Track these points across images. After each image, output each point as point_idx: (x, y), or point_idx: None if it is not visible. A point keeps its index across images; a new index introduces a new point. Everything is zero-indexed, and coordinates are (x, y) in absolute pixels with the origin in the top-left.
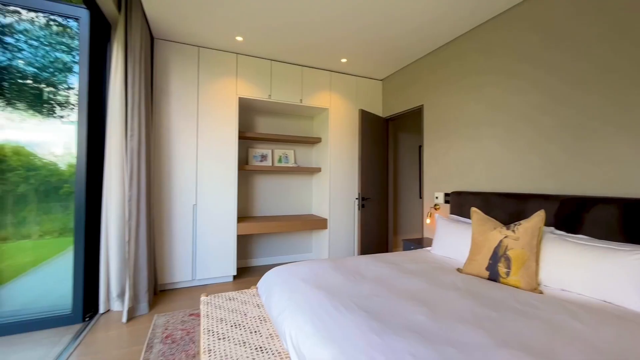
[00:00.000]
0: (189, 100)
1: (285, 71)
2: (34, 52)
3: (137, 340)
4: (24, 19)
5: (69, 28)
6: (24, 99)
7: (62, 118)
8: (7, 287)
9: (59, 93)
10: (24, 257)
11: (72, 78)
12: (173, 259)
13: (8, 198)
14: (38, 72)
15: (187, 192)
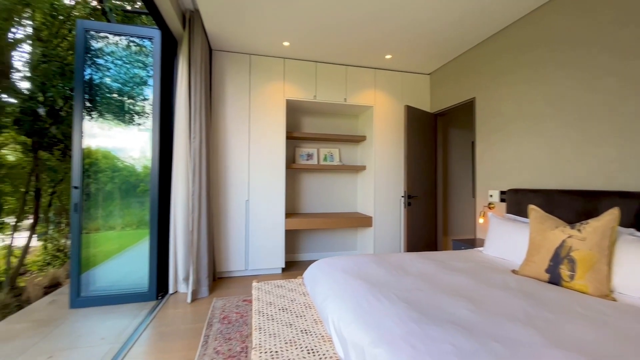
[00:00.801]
0: (241, 104)
1: (330, 72)
2: (118, 70)
3: (199, 318)
4: (110, 43)
5: (144, 47)
6: (110, 111)
7: (139, 125)
8: (99, 268)
9: (136, 104)
10: (111, 244)
11: (147, 90)
12: (229, 249)
13: (99, 195)
14: (121, 87)
15: (241, 189)
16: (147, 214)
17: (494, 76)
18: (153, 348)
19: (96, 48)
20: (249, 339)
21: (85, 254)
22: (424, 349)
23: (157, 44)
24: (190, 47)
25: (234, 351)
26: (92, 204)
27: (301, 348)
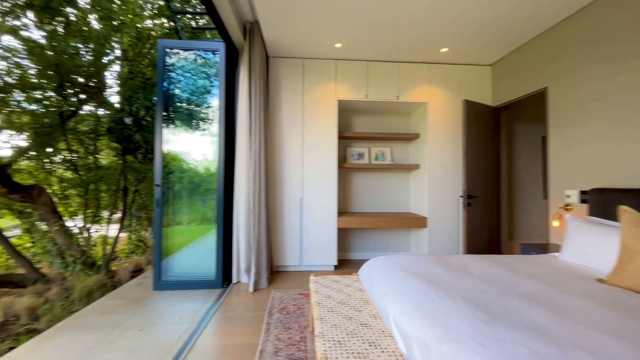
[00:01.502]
0: (295, 107)
1: (381, 70)
2: (187, 82)
3: (260, 307)
4: (181, 58)
5: (208, 59)
6: (180, 119)
7: (203, 131)
8: (173, 257)
9: (201, 111)
10: (180, 237)
11: (210, 98)
12: (284, 245)
13: (169, 194)
14: (189, 97)
15: (295, 188)
16: (209, 211)
17: (572, 60)
18: (222, 330)
19: (170, 63)
20: (307, 330)
21: (162, 244)
22: (496, 349)
23: (222, 55)
24: (251, 56)
25: (293, 339)
26: (163, 202)
27: (362, 340)
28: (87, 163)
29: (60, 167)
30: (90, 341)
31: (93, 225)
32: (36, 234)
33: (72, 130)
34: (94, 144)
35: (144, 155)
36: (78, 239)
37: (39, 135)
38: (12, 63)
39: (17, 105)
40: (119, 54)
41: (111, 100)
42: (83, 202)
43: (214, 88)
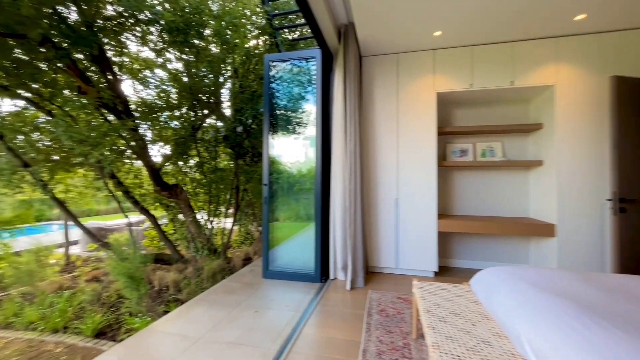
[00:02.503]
0: (389, 104)
1: (490, 54)
2: (284, 90)
3: (358, 305)
4: (279, 69)
5: (302, 67)
6: (279, 125)
7: (298, 134)
8: (276, 250)
9: (296, 117)
10: (280, 233)
11: (304, 104)
12: (379, 246)
13: (269, 193)
14: (286, 104)
15: (390, 187)
16: (301, 209)
17: None
18: (323, 323)
19: (271, 75)
20: (410, 337)
21: (269, 237)
22: None
23: (318, 61)
24: (345, 58)
25: (396, 345)
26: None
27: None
28: (211, 166)
29: (192, 170)
30: (218, 315)
31: (214, 219)
32: (177, 223)
33: (200, 139)
34: (215, 150)
35: (251, 158)
36: (204, 229)
37: (178, 145)
38: (161, 90)
39: (164, 123)
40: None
41: (226, 112)
42: (207, 198)
43: (307, 94)
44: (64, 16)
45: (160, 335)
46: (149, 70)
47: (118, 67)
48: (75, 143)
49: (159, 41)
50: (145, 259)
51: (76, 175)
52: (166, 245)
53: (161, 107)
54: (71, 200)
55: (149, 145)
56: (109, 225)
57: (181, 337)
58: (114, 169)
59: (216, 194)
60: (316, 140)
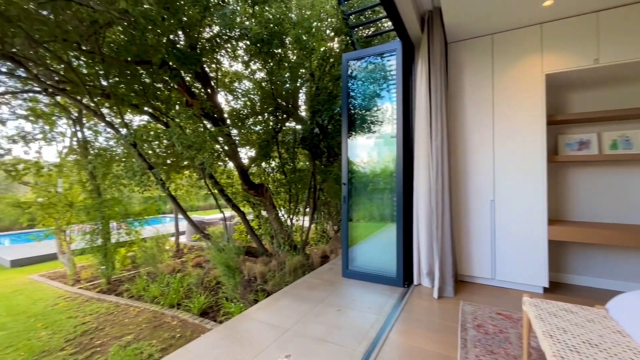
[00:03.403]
0: (482, 94)
1: (624, 18)
2: (360, 88)
3: (448, 316)
4: (354, 68)
5: (377, 64)
6: (356, 124)
7: (373, 133)
8: (354, 249)
9: (371, 115)
10: (356, 232)
11: (380, 102)
12: (471, 252)
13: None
14: (362, 103)
15: (484, 187)
16: (375, 210)
17: None
18: (410, 331)
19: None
20: None
21: (348, 236)
22: None
23: (399, 53)
24: (430, 47)
25: None
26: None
27: None
28: (291, 167)
29: (274, 171)
30: (303, 309)
31: (294, 217)
32: (262, 219)
33: (280, 142)
34: (294, 152)
35: (327, 159)
36: (285, 226)
37: (261, 148)
38: (248, 99)
39: (250, 128)
40: (308, 76)
41: (303, 115)
42: (287, 197)
43: (382, 91)
44: (175, 42)
45: (253, 322)
46: (238, 82)
47: (215, 81)
48: (184, 148)
49: (247, 53)
50: (238, 251)
51: (184, 176)
52: (253, 239)
53: (247, 114)
54: (180, 197)
55: (238, 149)
56: (207, 220)
57: (271, 326)
58: (212, 170)
59: (295, 193)
60: (397, 138)
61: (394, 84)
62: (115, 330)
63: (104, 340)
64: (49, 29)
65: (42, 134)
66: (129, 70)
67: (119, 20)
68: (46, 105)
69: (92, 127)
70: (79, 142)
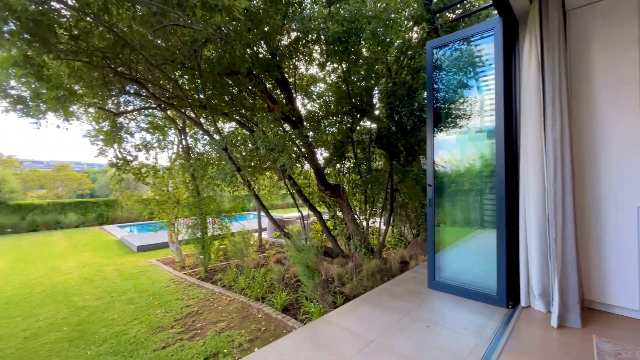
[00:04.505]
0: (622, 67)
1: None
2: (447, 78)
3: (576, 354)
4: (440, 55)
5: (464, 50)
6: (442, 119)
7: (460, 128)
8: (441, 257)
9: (456, 108)
10: (441, 238)
11: (467, 92)
12: (605, 273)
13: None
14: (447, 95)
15: (626, 189)
16: (458, 213)
17: None
18: None
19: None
20: None
21: (435, 243)
22: None
23: (498, 32)
24: (541, 18)
25: None
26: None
27: None
28: (366, 168)
29: (349, 171)
30: (386, 319)
31: (370, 218)
32: (337, 220)
33: (356, 142)
34: (369, 152)
35: (405, 158)
36: (361, 228)
37: (336, 149)
38: (323, 100)
39: (325, 129)
40: (384, 72)
41: (378, 113)
42: (362, 198)
43: (472, 80)
44: (258, 52)
45: (334, 328)
46: (314, 85)
47: (293, 86)
48: (267, 151)
49: (323, 55)
50: (317, 252)
51: (265, 177)
52: (328, 239)
53: (322, 115)
54: (262, 196)
55: (314, 150)
56: (286, 218)
57: (354, 334)
58: (291, 171)
59: (371, 194)
60: (496, 131)
61: (489, 70)
62: (212, 315)
63: (203, 324)
64: (162, 53)
65: (158, 142)
66: (221, 82)
67: (213, 37)
68: (160, 119)
69: (193, 135)
70: (183, 148)
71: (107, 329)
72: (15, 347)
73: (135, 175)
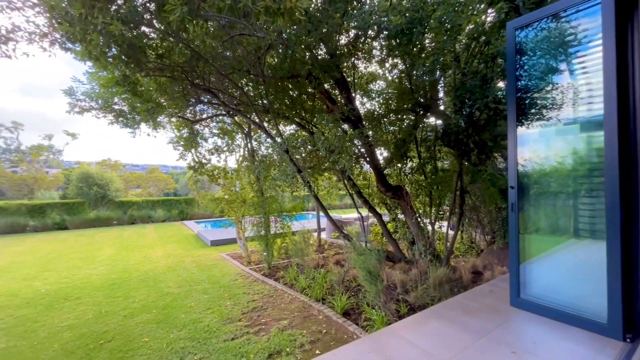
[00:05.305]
0: None
1: None
2: (528, 64)
3: None
4: (523, 36)
5: (560, 27)
6: (527, 110)
7: (542, 121)
8: (528, 269)
9: (541, 97)
10: (526, 248)
11: (557, 78)
12: None
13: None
14: (532, 83)
15: None
16: (542, 219)
17: None
18: None
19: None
20: None
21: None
22: None
23: (609, 3)
24: None
25: None
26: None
27: None
28: (431, 167)
29: (412, 172)
30: (462, 339)
31: (435, 222)
32: (398, 223)
33: (420, 140)
34: (434, 150)
35: (476, 156)
36: (425, 232)
37: (397, 148)
38: (383, 98)
39: (384, 128)
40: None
41: (444, 108)
42: (427, 200)
43: (561, 63)
44: (317, 53)
45: (400, 341)
46: (373, 83)
47: (351, 85)
48: (327, 152)
49: (383, 50)
50: (379, 256)
51: (324, 178)
52: (389, 243)
53: (382, 113)
54: (321, 197)
55: (374, 150)
56: (345, 218)
57: (423, 351)
58: (351, 172)
59: (437, 196)
60: (606, 122)
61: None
62: (275, 312)
63: (267, 319)
64: (230, 63)
65: (227, 146)
66: (282, 87)
67: (275, 42)
68: (229, 125)
69: (257, 138)
70: (249, 151)
71: (186, 315)
72: (117, 324)
73: (209, 177)
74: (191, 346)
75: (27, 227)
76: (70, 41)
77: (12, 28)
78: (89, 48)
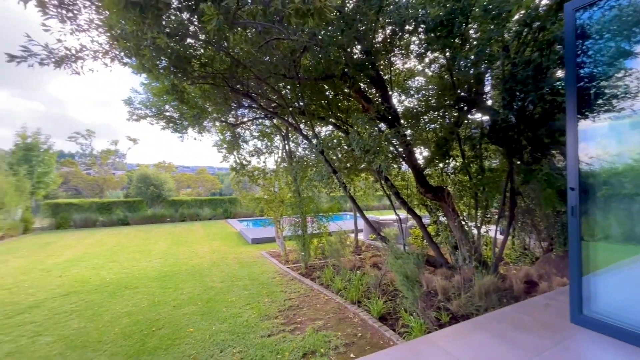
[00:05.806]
0: None
1: None
2: (591, 49)
3: None
4: (585, 18)
5: (634, 2)
6: (591, 103)
7: (613, 113)
8: (592, 281)
9: (610, 85)
10: (590, 257)
11: (629, 62)
12: None
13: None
14: (597, 70)
15: None
16: (613, 225)
17: None
18: None
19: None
20: None
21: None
22: None
23: None
24: None
25: None
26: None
27: None
28: (477, 167)
29: (455, 172)
30: (507, 357)
31: (482, 226)
32: (440, 226)
33: (464, 138)
34: (480, 149)
35: (529, 154)
36: (470, 236)
37: (438, 147)
38: (422, 95)
39: (424, 126)
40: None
41: (491, 102)
42: (472, 202)
43: (636, 45)
44: (351, 52)
45: (439, 352)
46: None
47: (388, 83)
48: (363, 153)
49: (422, 45)
50: (417, 261)
51: (361, 179)
52: (430, 247)
53: (422, 111)
54: (357, 197)
55: (412, 149)
56: (382, 220)
57: None
58: (388, 172)
59: (483, 197)
60: None
61: None
62: (311, 312)
63: (302, 319)
64: (267, 67)
65: (266, 148)
66: (317, 88)
67: (309, 44)
68: (268, 127)
69: (294, 140)
70: (286, 152)
71: (227, 309)
72: (167, 313)
73: (250, 177)
74: (231, 339)
75: (97, 222)
76: (127, 56)
77: (81, 48)
78: (143, 61)
